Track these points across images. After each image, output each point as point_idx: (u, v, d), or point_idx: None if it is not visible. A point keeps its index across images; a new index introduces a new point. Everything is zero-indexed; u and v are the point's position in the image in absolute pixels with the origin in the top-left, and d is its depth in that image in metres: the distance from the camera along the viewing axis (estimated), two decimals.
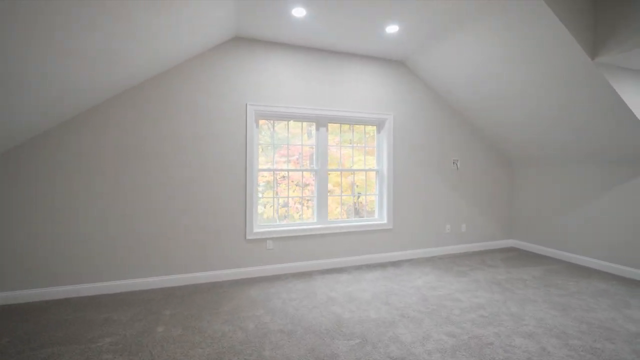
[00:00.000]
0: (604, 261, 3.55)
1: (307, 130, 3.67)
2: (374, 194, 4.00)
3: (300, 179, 3.70)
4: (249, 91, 3.28)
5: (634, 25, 2.39)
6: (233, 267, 3.27)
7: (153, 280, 3.00)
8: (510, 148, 4.36)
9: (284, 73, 3.42)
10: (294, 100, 3.46)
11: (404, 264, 3.78)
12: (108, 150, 2.87)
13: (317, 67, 3.55)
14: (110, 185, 2.88)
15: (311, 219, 3.73)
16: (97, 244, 2.85)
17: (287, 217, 3.64)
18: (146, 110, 2.97)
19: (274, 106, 3.36)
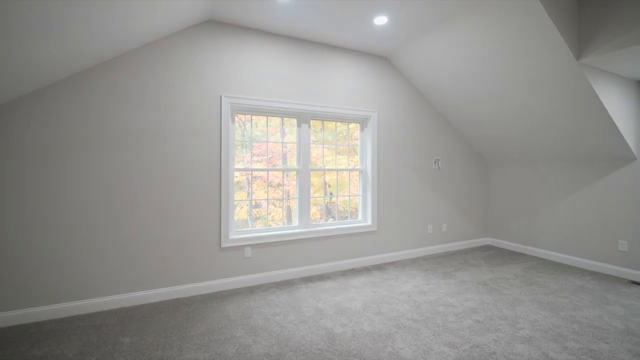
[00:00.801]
0: (575, 257, 3.69)
1: (280, 128, 3.36)
2: (357, 194, 3.82)
3: (273, 179, 3.40)
4: (224, 82, 2.93)
5: (617, 26, 2.43)
6: (205, 279, 2.89)
7: (106, 301, 2.54)
8: (486, 147, 4.42)
9: (263, 63, 3.10)
10: (275, 94, 3.16)
11: (389, 268, 3.64)
12: (44, 147, 2.37)
13: (299, 59, 3.29)
14: (51, 189, 2.38)
15: (290, 223, 3.46)
16: (30, 259, 2.33)
17: (259, 219, 3.32)
18: (93, 101, 2.50)
19: (252, 99, 3.03)
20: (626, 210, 3.27)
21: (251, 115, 3.21)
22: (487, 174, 4.76)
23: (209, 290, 2.90)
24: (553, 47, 2.56)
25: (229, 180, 2.97)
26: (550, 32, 2.46)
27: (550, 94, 3.00)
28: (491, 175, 4.73)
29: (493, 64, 3.06)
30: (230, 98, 2.93)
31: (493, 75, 3.19)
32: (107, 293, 2.54)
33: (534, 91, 3.07)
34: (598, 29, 2.53)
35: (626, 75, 3.00)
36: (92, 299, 2.50)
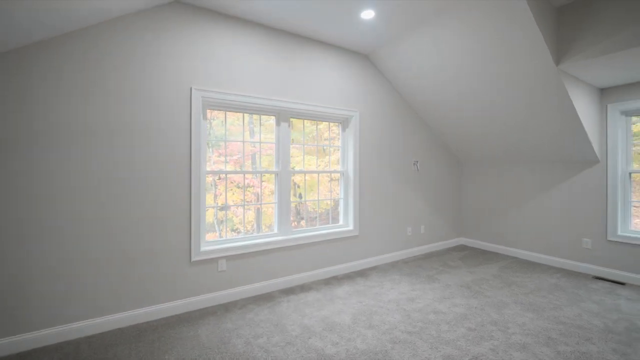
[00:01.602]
0: (544, 254, 3.87)
1: (249, 127, 3.07)
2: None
3: (242, 180, 3.08)
4: (194, 73, 2.57)
5: (593, 36, 2.52)
6: (173, 298, 2.51)
7: (42, 335, 2.07)
8: (461, 149, 4.50)
9: (240, 55, 2.79)
10: (252, 89, 2.86)
11: (371, 273, 3.51)
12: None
13: (279, 52, 3.02)
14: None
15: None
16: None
17: (225, 222, 2.98)
18: (29, 90, 2.03)
19: (227, 93, 2.70)
20: (590, 210, 3.48)
21: (225, 112, 2.87)
22: (461, 175, 4.86)
23: (178, 311, 2.52)
24: (535, 51, 2.59)
25: (200, 185, 2.61)
26: (534, 36, 2.48)
27: (527, 98, 3.07)
28: (464, 177, 4.83)
29: (474, 65, 3.05)
30: (201, 91, 2.58)
31: (473, 77, 3.19)
32: (43, 325, 2.07)
33: (513, 95, 3.12)
34: (576, 37, 2.61)
35: (592, 83, 3.17)
36: (24, 335, 2.02)
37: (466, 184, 4.80)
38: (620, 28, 2.39)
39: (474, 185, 4.69)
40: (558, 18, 2.71)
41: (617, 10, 2.40)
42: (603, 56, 2.48)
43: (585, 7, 2.56)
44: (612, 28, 2.42)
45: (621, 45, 2.38)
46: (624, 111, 3.27)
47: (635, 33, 2.32)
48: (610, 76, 2.96)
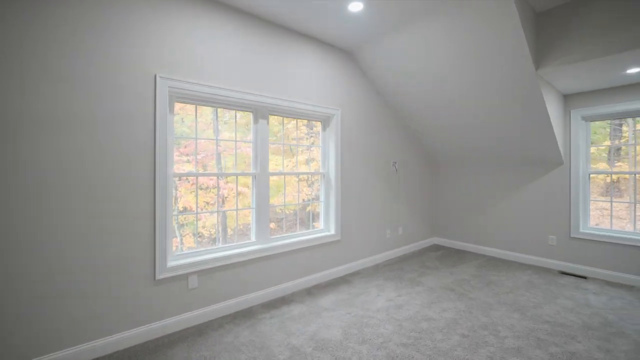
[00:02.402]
0: (513, 252, 4.04)
1: (213, 125, 2.74)
2: (320, 201, 3.44)
3: (206, 181, 2.75)
4: (160, 58, 2.19)
5: (570, 43, 2.62)
6: (135, 325, 2.12)
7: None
8: (435, 149, 4.56)
9: (216, 41, 2.45)
10: (228, 81, 2.54)
11: (354, 279, 3.37)
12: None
13: (259, 42, 2.73)
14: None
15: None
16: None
17: (186, 226, 2.63)
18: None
19: (198, 84, 2.36)
20: (555, 209, 3.69)
21: (196, 106, 2.52)
22: (434, 175, 4.94)
23: (142, 339, 2.13)
24: (518, 56, 2.63)
25: (166, 189, 2.24)
26: (519, 40, 2.50)
27: (505, 102, 3.13)
28: (438, 177, 4.92)
29: (457, 67, 3.04)
30: (169, 80, 2.21)
31: (455, 79, 3.19)
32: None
33: (492, 98, 3.17)
34: (554, 44, 2.69)
35: (559, 89, 3.34)
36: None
37: (439, 185, 4.88)
38: (592, 38, 2.50)
39: (446, 186, 4.79)
40: (538, 23, 2.79)
41: (591, 21, 2.51)
42: (576, 64, 2.58)
43: (563, 15, 2.65)
44: (586, 38, 2.53)
45: (593, 55, 2.49)
46: (584, 117, 3.50)
47: (605, 44, 2.45)
48: (575, 83, 3.14)
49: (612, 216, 3.43)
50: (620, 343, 2.15)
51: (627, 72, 2.76)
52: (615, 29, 2.40)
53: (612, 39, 2.39)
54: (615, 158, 3.48)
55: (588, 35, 2.51)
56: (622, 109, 3.22)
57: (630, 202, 3.33)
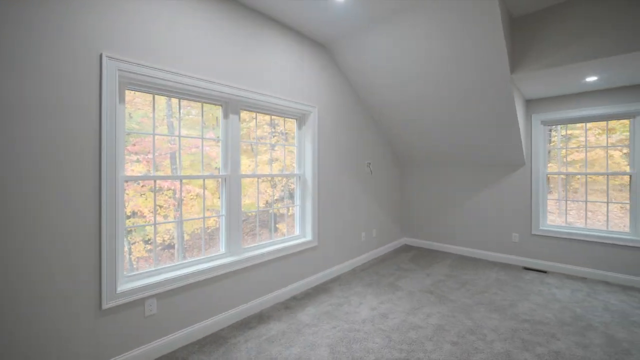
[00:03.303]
0: (480, 250, 4.19)
1: (167, 121, 2.35)
2: (297, 204, 3.18)
3: (160, 182, 2.40)
4: (108, 34, 1.76)
5: (542, 49, 2.71)
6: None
7: None
8: (405, 150, 4.57)
9: (178, 18, 2.07)
10: (194, 68, 2.17)
11: (333, 287, 3.17)
12: None
13: (233, 28, 2.39)
14: None
15: (215, 251, 2.52)
16: None
17: (133, 232, 2.24)
18: None
19: (157, 68, 1.96)
20: (517, 208, 3.89)
21: (154, 96, 2.10)
22: (404, 176, 4.97)
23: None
24: (496, 58, 2.65)
25: (116, 198, 1.81)
26: (498, 43, 2.52)
27: (479, 103, 3.18)
28: (407, 178, 4.95)
29: (437, 67, 3.01)
30: (119, 62, 1.79)
31: (429, 79, 3.16)
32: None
33: (466, 99, 3.21)
34: (526, 49, 2.77)
35: (524, 94, 3.51)
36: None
37: (409, 185, 4.92)
38: (562, 46, 2.62)
39: (416, 186, 4.84)
40: (513, 28, 2.85)
41: (562, 29, 2.63)
42: (547, 70, 2.68)
43: (537, 22, 2.74)
44: (558, 45, 2.64)
45: (563, 62, 2.60)
46: (543, 121, 3.73)
47: (571, 53, 2.57)
48: (538, 89, 3.31)
49: (567, 214, 3.71)
50: (593, 337, 2.24)
51: (585, 80, 2.96)
52: (582, 38, 2.53)
53: (578, 48, 2.52)
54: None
55: (561, 42, 2.62)
56: (577, 115, 3.48)
57: (558, 199, 3.61)
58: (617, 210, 3.43)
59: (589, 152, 3.56)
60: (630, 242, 3.20)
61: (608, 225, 3.44)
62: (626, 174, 3.33)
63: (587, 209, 3.58)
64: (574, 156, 3.68)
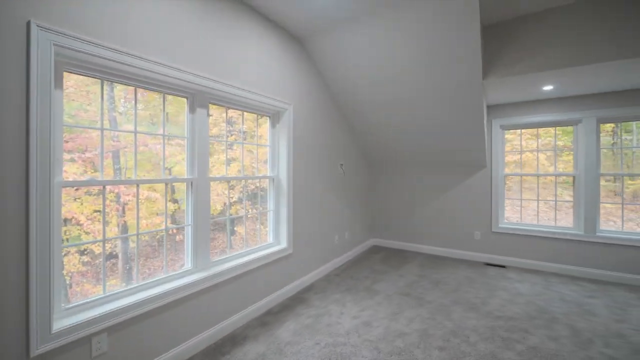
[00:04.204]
0: (445, 248, 4.35)
1: (110, 115, 1.96)
2: (271, 209, 2.93)
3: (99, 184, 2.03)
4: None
5: (510, 57, 2.84)
6: None
7: None
8: (375, 151, 4.57)
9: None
10: (154, 50, 1.81)
11: (310, 296, 2.99)
12: None
13: (203, 10, 2.05)
14: None
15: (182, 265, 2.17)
16: None
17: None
18: None
19: (108, 47, 1.57)
20: (479, 207, 4.11)
21: (102, 82, 1.71)
22: (373, 177, 4.97)
23: None
24: (471, 62, 2.71)
25: (51, 208, 1.41)
26: (475, 48, 2.56)
27: (451, 106, 3.26)
28: (376, 179, 4.96)
29: (408, 68, 3.00)
30: (54, 34, 1.38)
31: (404, 80, 3.15)
32: None
33: (439, 101, 3.26)
34: (494, 57, 2.89)
35: (487, 100, 3.70)
36: None
37: (378, 186, 4.94)
38: (528, 56, 2.77)
39: (385, 187, 4.87)
40: (484, 35, 2.95)
41: (528, 39, 2.78)
42: (514, 76, 2.83)
43: (505, 31, 2.86)
44: (523, 55, 2.78)
45: (529, 70, 2.76)
46: (502, 125, 3.99)
47: (536, 62, 2.74)
48: (500, 95, 3.51)
49: (521, 212, 4.02)
50: (559, 329, 2.39)
51: (543, 89, 3.20)
52: (546, 49, 2.70)
53: (541, 59, 2.69)
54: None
55: (527, 52, 2.77)
56: (531, 121, 3.77)
57: (518, 198, 3.94)
58: (566, 208, 3.80)
59: (522, 155, 3.90)
60: (575, 237, 3.56)
61: (556, 222, 3.79)
62: (570, 175, 3.70)
63: (538, 207, 3.91)
64: (509, 158, 4.04)
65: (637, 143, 3.43)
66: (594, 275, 3.46)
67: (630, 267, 3.30)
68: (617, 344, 2.20)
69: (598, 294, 3.05)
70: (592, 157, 3.48)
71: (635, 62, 2.49)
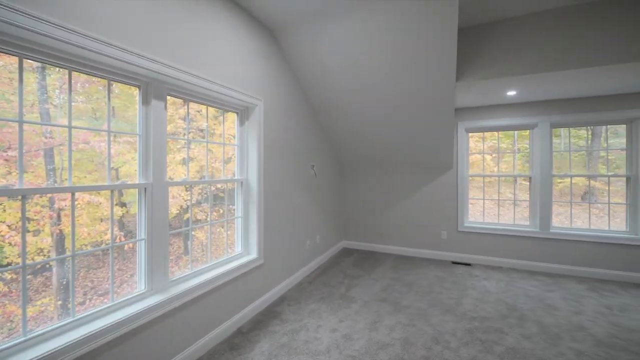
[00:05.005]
0: (414, 248, 4.40)
1: (47, 109, 1.58)
2: (240, 216, 2.63)
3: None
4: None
5: (482, 61, 2.89)
6: None
7: None
8: (345, 152, 4.46)
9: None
10: (98, 26, 1.44)
11: (283, 309, 2.76)
12: None
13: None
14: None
15: (132, 289, 1.81)
16: None
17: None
18: None
19: (38, 18, 1.19)
20: (446, 207, 4.21)
21: (20, 58, 1.31)
22: (344, 178, 4.87)
23: None
24: (446, 63, 2.69)
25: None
26: (451, 49, 2.54)
27: (423, 107, 3.25)
28: (346, 180, 4.87)
29: (383, 67, 2.91)
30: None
31: (378, 78, 3.06)
32: None
33: (412, 102, 3.22)
34: (468, 60, 2.92)
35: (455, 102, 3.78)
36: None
37: (348, 187, 4.85)
38: (499, 60, 2.84)
39: (355, 189, 4.80)
40: (459, 37, 2.96)
41: (498, 45, 2.85)
42: (487, 80, 2.88)
43: (477, 35, 2.90)
44: (494, 59, 2.85)
45: (500, 74, 2.83)
46: (467, 128, 4.12)
47: (506, 66, 2.82)
48: (467, 99, 3.61)
49: (484, 212, 4.20)
50: (529, 326, 2.47)
51: (507, 94, 3.33)
52: (514, 55, 2.79)
53: (509, 64, 2.77)
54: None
55: (498, 57, 2.84)
56: (493, 124, 3.94)
57: (480, 198, 4.14)
58: (525, 206, 4.04)
59: (473, 157, 4.10)
60: (531, 233, 3.80)
61: (514, 220, 4.02)
62: (526, 176, 3.94)
63: (499, 207, 4.11)
64: (471, 159, 4.21)
65: (565, 147, 3.76)
66: (548, 269, 3.72)
67: (577, 260, 3.60)
68: (581, 337, 2.32)
69: (554, 287, 3.26)
70: (547, 159, 3.74)
71: (586, 72, 2.68)
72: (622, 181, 3.59)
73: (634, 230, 3.48)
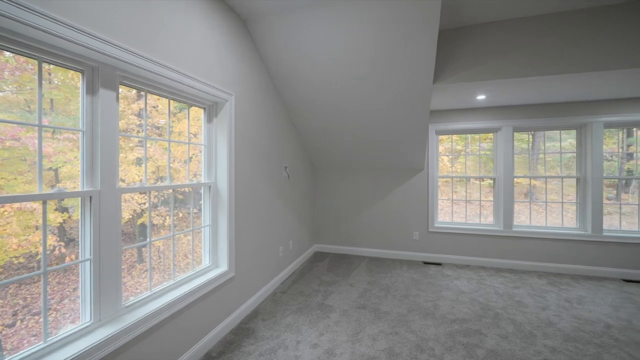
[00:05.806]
0: (386, 249, 4.39)
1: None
2: (207, 224, 2.33)
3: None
4: None
5: (459, 64, 2.91)
6: None
7: None
8: (318, 153, 4.31)
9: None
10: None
11: (258, 326, 2.52)
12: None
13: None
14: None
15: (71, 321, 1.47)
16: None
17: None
18: None
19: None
20: (417, 208, 4.26)
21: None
22: (316, 180, 4.71)
23: None
24: (425, 66, 2.66)
25: None
26: (431, 49, 2.51)
27: (399, 108, 3.21)
28: (318, 183, 4.72)
29: (361, 63, 2.81)
30: None
31: (355, 75, 2.96)
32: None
33: (387, 102, 3.17)
34: (444, 63, 2.92)
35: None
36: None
37: (320, 190, 4.70)
38: (472, 64, 2.88)
39: (327, 191, 4.67)
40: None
41: (472, 49, 2.89)
42: (465, 83, 2.91)
43: (454, 39, 2.92)
44: (467, 63, 2.88)
45: (473, 78, 2.87)
46: (437, 130, 4.20)
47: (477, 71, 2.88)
48: (440, 101, 3.66)
49: (453, 212, 4.32)
50: (505, 325, 2.53)
51: (477, 97, 3.43)
52: (485, 58, 2.85)
53: (481, 68, 2.83)
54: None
55: (471, 61, 2.87)
56: (461, 127, 4.06)
57: (449, 199, 4.28)
58: (490, 206, 4.22)
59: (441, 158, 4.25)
60: (496, 232, 3.97)
61: (480, 219, 4.19)
62: (491, 177, 4.12)
63: (466, 207, 4.26)
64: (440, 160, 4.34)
65: (520, 150, 4.03)
66: (512, 266, 3.91)
67: (537, 256, 3.83)
68: (552, 333, 2.42)
69: (519, 284, 3.42)
70: (509, 161, 3.93)
71: (543, 80, 2.83)
72: (561, 181, 3.90)
73: (582, 227, 3.79)
